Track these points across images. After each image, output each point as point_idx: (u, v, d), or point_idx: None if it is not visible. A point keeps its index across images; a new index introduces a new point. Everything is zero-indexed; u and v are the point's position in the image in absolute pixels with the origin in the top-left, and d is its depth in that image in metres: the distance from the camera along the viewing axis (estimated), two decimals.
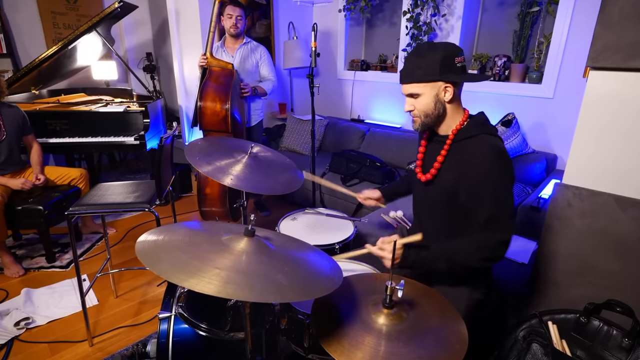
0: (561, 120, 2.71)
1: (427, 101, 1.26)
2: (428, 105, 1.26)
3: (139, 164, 4.79)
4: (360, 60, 3.99)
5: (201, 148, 1.62)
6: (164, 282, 2.41)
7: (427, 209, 1.42)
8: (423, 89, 1.24)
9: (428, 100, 1.25)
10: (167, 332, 1.33)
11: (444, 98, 1.25)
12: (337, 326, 0.97)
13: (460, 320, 1.02)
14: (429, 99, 1.25)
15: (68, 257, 2.76)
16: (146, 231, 1.04)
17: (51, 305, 2.24)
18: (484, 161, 1.19)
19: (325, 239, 1.74)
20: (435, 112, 1.27)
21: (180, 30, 3.54)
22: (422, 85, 1.24)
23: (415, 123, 1.32)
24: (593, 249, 1.41)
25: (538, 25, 2.80)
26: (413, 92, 1.26)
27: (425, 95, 1.25)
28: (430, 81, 1.23)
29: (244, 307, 1.06)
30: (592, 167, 1.38)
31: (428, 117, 1.28)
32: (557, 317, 1.32)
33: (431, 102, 1.26)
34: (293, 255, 1.08)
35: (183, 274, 0.85)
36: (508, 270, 1.86)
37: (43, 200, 2.51)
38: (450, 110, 1.28)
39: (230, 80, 2.64)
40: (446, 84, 1.23)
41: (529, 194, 2.39)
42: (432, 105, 1.26)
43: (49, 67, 3.08)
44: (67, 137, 2.99)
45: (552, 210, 1.48)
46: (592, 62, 1.29)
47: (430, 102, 1.26)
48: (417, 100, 1.27)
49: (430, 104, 1.26)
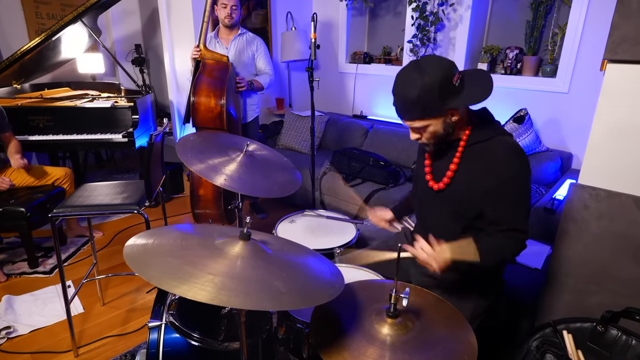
0: (577, 116, 2.71)
1: (435, 129, 1.23)
2: (437, 132, 1.23)
3: (127, 162, 4.79)
4: (363, 52, 3.99)
5: (193, 144, 1.61)
6: (154, 288, 2.41)
7: (436, 216, 1.42)
8: (428, 122, 1.21)
9: (436, 128, 1.23)
10: (157, 342, 1.33)
11: (452, 120, 1.22)
12: (338, 336, 0.97)
13: (469, 330, 1.02)
14: (436, 127, 1.22)
15: (52, 262, 2.76)
16: (135, 234, 1.04)
17: (34, 314, 2.24)
18: (507, 164, 1.19)
19: (326, 242, 1.74)
20: (445, 132, 1.24)
21: (172, 20, 3.54)
22: (427, 119, 1.21)
23: (427, 147, 1.31)
24: (611, 253, 1.40)
25: (552, 15, 2.80)
26: (417, 126, 1.23)
27: (432, 125, 1.22)
28: (432, 117, 1.20)
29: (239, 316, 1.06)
30: (610, 166, 1.37)
31: (438, 138, 1.26)
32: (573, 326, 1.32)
33: (440, 129, 1.23)
34: (291, 260, 1.08)
35: (174, 280, 0.85)
36: (520, 275, 1.86)
37: (25, 202, 2.50)
38: (460, 122, 1.26)
39: (226, 73, 2.63)
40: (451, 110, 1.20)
41: (543, 195, 2.39)
42: (441, 130, 1.23)
43: (31, 59, 3.08)
44: (51, 135, 2.99)
45: (567, 212, 1.48)
46: (610, 54, 1.29)
47: (439, 129, 1.23)
48: (424, 130, 1.25)
49: (439, 130, 1.23)
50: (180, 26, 3.51)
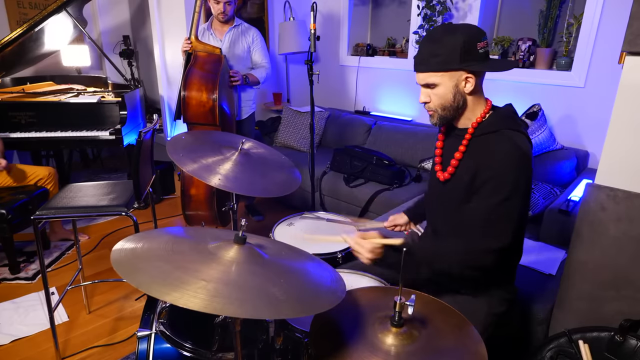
0: (593, 112, 2.71)
1: (445, 92, 1.25)
2: (446, 96, 1.26)
3: (115, 161, 4.79)
4: (366, 44, 3.99)
5: (185, 143, 1.62)
6: (143, 295, 2.41)
7: (442, 210, 1.43)
8: (441, 79, 1.24)
9: (446, 91, 1.25)
10: (146, 352, 1.33)
11: (464, 89, 1.25)
12: (339, 346, 0.97)
13: (479, 340, 1.02)
14: (447, 90, 1.25)
15: (34, 267, 2.76)
16: (123, 238, 1.03)
17: (15, 322, 2.24)
18: (501, 161, 1.20)
19: (326, 246, 1.74)
20: (455, 104, 1.27)
21: (162, 10, 3.54)
22: (440, 74, 1.23)
23: (432, 117, 1.33)
24: (630, 258, 1.40)
25: (567, 5, 2.80)
26: (429, 82, 1.26)
27: (443, 85, 1.24)
28: (449, 70, 1.22)
29: (234, 324, 1.06)
30: (629, 165, 1.38)
31: (446, 109, 1.28)
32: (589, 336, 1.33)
33: (449, 94, 1.25)
34: (289, 266, 1.08)
35: (165, 286, 0.85)
36: (533, 282, 1.86)
37: (6, 203, 2.50)
38: (471, 102, 1.28)
39: (218, 66, 2.64)
40: (467, 73, 1.22)
41: (557, 196, 2.39)
42: (451, 97, 1.25)
43: (12, 52, 3.08)
44: (34, 132, 2.99)
45: (583, 215, 1.48)
46: (629, 47, 1.29)
47: (448, 94, 1.25)
48: (433, 91, 1.27)
49: (449, 95, 1.25)
50: (171, 16, 3.51)
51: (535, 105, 2.83)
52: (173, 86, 3.67)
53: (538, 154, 2.73)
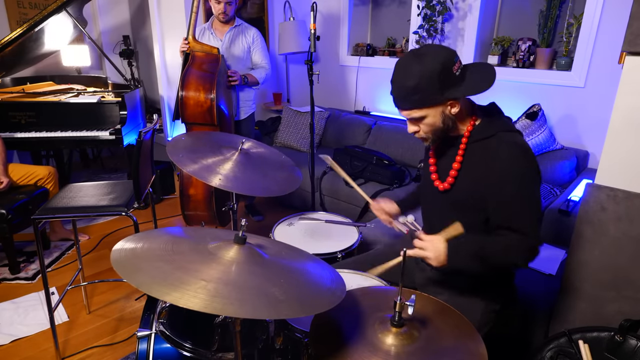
0: (593, 112, 2.71)
1: (433, 121, 1.23)
2: (435, 124, 1.24)
3: (115, 161, 4.79)
4: (366, 44, 3.99)
5: (185, 144, 1.62)
6: (143, 295, 2.41)
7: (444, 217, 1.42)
8: (426, 112, 1.21)
9: (434, 119, 1.23)
10: (146, 352, 1.33)
11: (450, 112, 1.23)
12: (339, 346, 0.97)
13: (479, 340, 1.02)
14: (435, 119, 1.23)
15: (34, 267, 2.76)
16: (123, 238, 1.04)
17: (15, 322, 2.24)
18: (508, 163, 1.20)
19: (326, 246, 1.74)
20: (445, 126, 1.25)
21: (162, 10, 3.54)
22: (425, 109, 1.21)
23: (425, 141, 1.31)
24: (630, 258, 1.40)
25: (567, 5, 2.80)
26: (414, 116, 1.24)
27: (430, 116, 1.22)
28: (432, 105, 1.20)
29: (234, 325, 1.06)
30: (629, 165, 1.38)
31: (437, 132, 1.26)
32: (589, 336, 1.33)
33: (438, 121, 1.23)
34: (289, 266, 1.08)
35: (165, 286, 0.85)
36: (533, 282, 1.86)
37: (6, 204, 2.50)
38: (460, 115, 1.26)
39: (216, 66, 2.64)
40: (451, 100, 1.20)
41: (557, 196, 2.39)
42: (440, 123, 1.24)
43: (12, 52, 3.08)
44: (34, 132, 2.98)
45: (584, 215, 1.48)
46: (629, 46, 1.29)
47: (437, 121, 1.23)
48: (421, 122, 1.25)
49: (438, 123, 1.24)
50: (171, 16, 3.51)
51: (535, 105, 2.82)
52: (173, 86, 3.67)
53: (538, 153, 2.72)
